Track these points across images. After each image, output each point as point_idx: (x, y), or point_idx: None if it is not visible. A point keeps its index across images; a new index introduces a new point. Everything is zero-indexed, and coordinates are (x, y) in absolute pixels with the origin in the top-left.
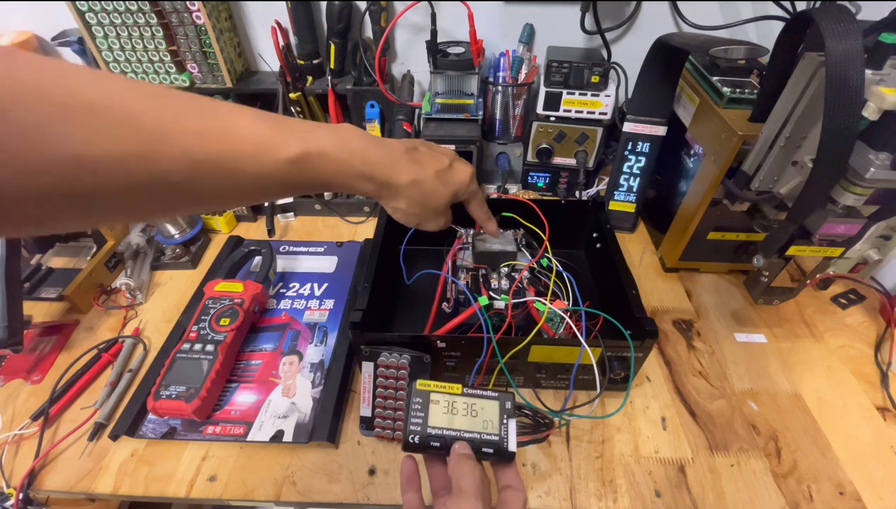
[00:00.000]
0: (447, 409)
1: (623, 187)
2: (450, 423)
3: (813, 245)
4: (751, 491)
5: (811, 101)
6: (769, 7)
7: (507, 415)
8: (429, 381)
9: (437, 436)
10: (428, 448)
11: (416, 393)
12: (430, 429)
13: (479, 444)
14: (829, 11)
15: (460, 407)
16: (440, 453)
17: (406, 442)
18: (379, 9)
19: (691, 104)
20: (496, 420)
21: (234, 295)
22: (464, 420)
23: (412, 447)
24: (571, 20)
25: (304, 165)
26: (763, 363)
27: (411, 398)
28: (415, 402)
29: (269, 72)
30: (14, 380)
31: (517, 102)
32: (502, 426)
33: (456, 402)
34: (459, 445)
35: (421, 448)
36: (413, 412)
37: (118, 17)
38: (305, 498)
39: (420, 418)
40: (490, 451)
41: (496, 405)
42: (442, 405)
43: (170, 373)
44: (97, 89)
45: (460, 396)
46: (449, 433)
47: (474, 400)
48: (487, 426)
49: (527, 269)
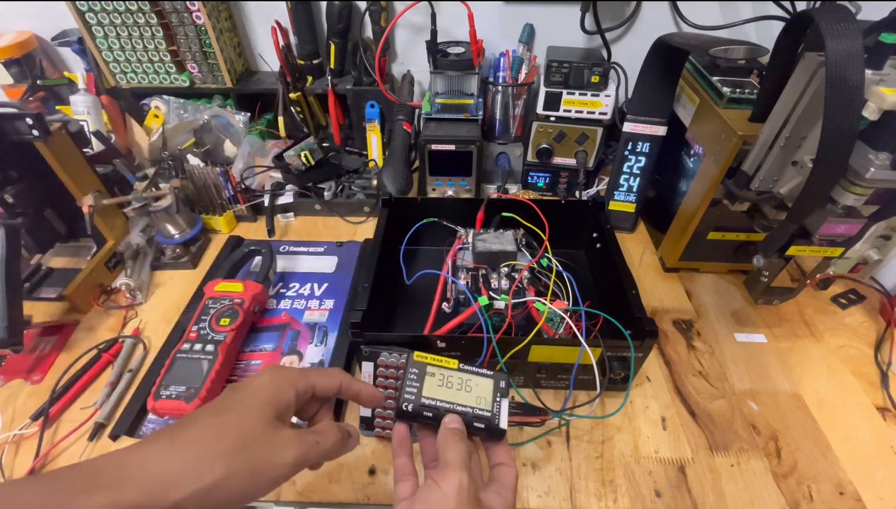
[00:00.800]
0: (442, 382)
1: (623, 187)
2: (444, 396)
3: (813, 245)
4: (751, 491)
5: (811, 101)
6: (769, 7)
7: (500, 394)
8: (425, 353)
9: (431, 406)
10: (420, 417)
11: (413, 364)
12: (423, 400)
13: (471, 419)
14: (829, 11)
15: (455, 382)
16: (432, 424)
17: (399, 409)
18: (379, 9)
19: (691, 104)
20: (489, 397)
21: (234, 295)
22: (458, 394)
23: (405, 415)
24: (571, 20)
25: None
26: (763, 363)
27: (408, 367)
28: (411, 372)
29: (269, 72)
30: (14, 380)
31: (517, 102)
32: (495, 403)
33: (451, 377)
34: (449, 419)
35: (413, 416)
36: (409, 381)
37: (118, 17)
38: (305, 498)
39: (415, 388)
40: (481, 426)
41: (490, 383)
42: (437, 377)
43: (170, 373)
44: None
45: (456, 371)
46: (442, 405)
47: (469, 376)
48: (480, 402)
49: (527, 269)
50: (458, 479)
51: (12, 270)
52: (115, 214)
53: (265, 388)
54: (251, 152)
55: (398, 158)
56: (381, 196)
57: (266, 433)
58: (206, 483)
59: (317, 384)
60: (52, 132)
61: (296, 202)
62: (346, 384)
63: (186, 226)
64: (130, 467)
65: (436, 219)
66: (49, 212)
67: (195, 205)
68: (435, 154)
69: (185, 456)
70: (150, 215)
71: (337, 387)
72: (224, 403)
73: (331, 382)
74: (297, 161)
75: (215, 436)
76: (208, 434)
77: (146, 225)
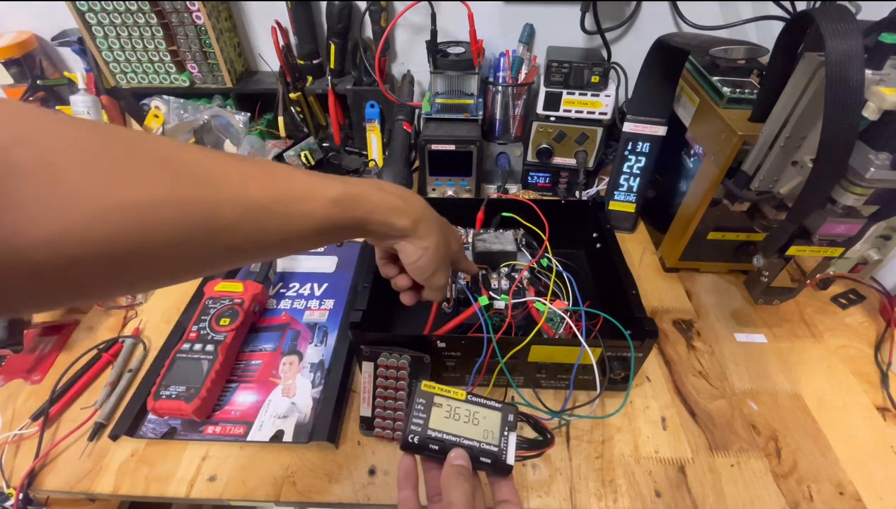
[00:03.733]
0: (449, 414)
1: (623, 187)
2: (450, 428)
3: (813, 245)
4: (751, 491)
5: (811, 101)
6: (769, 7)
7: (508, 428)
8: (433, 384)
9: (437, 439)
10: (426, 449)
11: (420, 394)
12: (430, 432)
13: (478, 453)
14: (829, 11)
15: (462, 414)
16: (437, 457)
17: (405, 441)
18: (379, 9)
19: (691, 104)
20: (497, 431)
21: (234, 295)
22: (465, 427)
23: (410, 447)
24: (571, 20)
25: (345, 204)
26: (763, 363)
27: (414, 398)
28: (418, 402)
29: (269, 72)
30: (14, 380)
31: (517, 102)
32: (502, 438)
33: (459, 408)
34: (455, 454)
35: (419, 449)
36: (415, 412)
37: (118, 17)
38: (305, 498)
39: (421, 419)
40: (487, 462)
41: (498, 416)
42: (444, 409)
43: (170, 373)
44: (164, 145)
45: (464, 402)
46: (448, 438)
47: (477, 408)
48: (487, 436)
49: (527, 269)
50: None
51: None
52: None
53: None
54: (251, 152)
55: (398, 158)
56: None
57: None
58: (432, 218)
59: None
60: None
61: None
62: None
63: None
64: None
65: None
66: None
67: None
68: (435, 154)
69: (411, 197)
70: None
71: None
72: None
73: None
74: (297, 161)
75: (424, 205)
76: (418, 201)
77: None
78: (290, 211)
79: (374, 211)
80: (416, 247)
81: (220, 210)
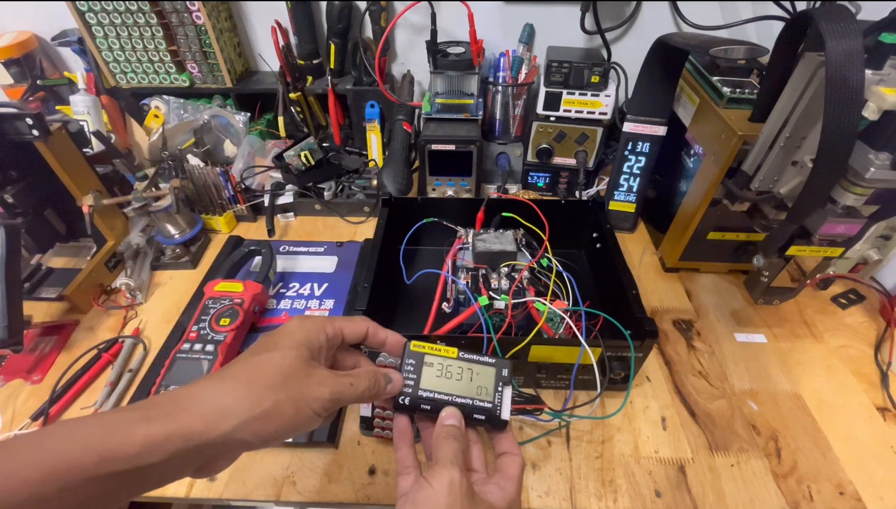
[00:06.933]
0: (441, 373)
1: (623, 187)
2: (442, 387)
3: (813, 245)
4: (751, 491)
5: (811, 101)
6: (769, 7)
7: (502, 382)
8: (423, 343)
9: (428, 399)
10: (418, 410)
11: (409, 355)
12: (421, 392)
13: (471, 410)
14: (829, 11)
15: (454, 371)
16: (431, 416)
17: (396, 402)
18: (379, 9)
19: (691, 104)
20: (491, 386)
21: (234, 295)
22: (457, 384)
23: (402, 408)
24: (571, 20)
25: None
26: (763, 363)
27: (404, 358)
28: (407, 363)
29: (269, 72)
30: (14, 380)
31: (517, 102)
32: (497, 393)
33: (451, 366)
34: (446, 413)
35: (411, 409)
36: (405, 373)
37: (118, 17)
38: (305, 498)
39: (412, 380)
40: (482, 417)
41: (492, 371)
42: (435, 368)
43: (170, 373)
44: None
45: (455, 360)
46: (440, 396)
47: (470, 364)
48: (481, 392)
49: (527, 269)
50: (449, 476)
51: (12, 270)
52: (115, 214)
53: (297, 331)
54: (251, 152)
55: (398, 158)
56: (381, 196)
57: (303, 370)
58: (257, 412)
59: (345, 328)
60: (52, 132)
61: (296, 202)
62: (373, 330)
63: (186, 226)
64: (185, 401)
65: (436, 219)
66: (49, 212)
67: (195, 205)
68: (435, 154)
69: (235, 389)
70: (150, 215)
71: (364, 332)
72: (260, 346)
73: (358, 327)
74: (297, 161)
75: (259, 373)
76: (252, 371)
77: (146, 225)
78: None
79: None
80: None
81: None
